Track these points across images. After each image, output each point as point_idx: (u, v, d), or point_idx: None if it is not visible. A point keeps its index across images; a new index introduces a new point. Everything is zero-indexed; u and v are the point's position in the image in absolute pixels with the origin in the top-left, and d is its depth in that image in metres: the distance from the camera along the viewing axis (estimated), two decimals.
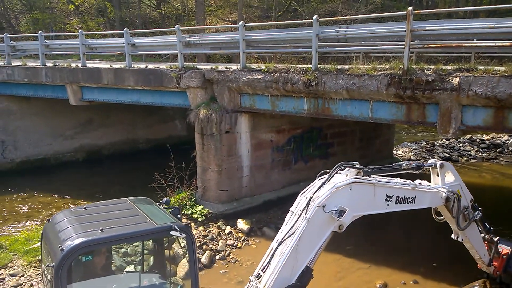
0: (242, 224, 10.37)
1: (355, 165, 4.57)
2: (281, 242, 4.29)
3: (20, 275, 7.86)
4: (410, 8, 7.67)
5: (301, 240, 4.21)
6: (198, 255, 8.84)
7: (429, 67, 7.77)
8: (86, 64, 13.12)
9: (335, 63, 9.03)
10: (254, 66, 10.35)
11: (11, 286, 7.45)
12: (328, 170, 4.57)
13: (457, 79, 7.14)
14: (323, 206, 4.26)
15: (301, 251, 4.24)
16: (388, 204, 4.78)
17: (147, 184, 10.49)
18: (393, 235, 10.89)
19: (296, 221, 4.31)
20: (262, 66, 9.89)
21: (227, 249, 9.56)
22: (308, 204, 4.30)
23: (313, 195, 4.40)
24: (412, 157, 18.41)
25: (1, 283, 7.49)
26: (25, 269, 8.08)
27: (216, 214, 10.60)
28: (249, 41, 10.11)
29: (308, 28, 9.32)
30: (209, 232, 10.01)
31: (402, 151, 19.03)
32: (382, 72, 7.91)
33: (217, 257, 9.26)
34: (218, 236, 9.93)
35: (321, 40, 8.80)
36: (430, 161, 5.68)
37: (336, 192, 4.34)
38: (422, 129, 22.93)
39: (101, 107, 16.42)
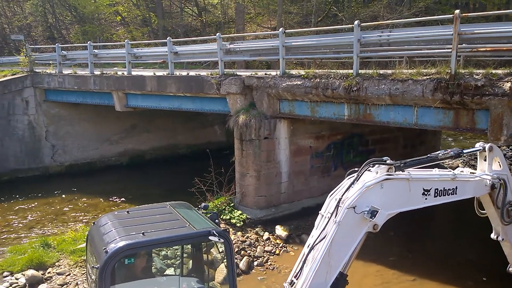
0: (280, 230, 10.30)
1: (385, 161, 4.28)
2: (312, 248, 4.13)
3: (66, 274, 8.22)
4: (457, 11, 7.37)
5: (333, 244, 4.04)
6: (236, 260, 8.86)
7: (478, 71, 7.39)
8: (131, 72, 13.68)
9: (377, 68, 8.80)
10: (294, 72, 10.33)
11: (58, 285, 7.80)
12: (357, 169, 4.33)
13: (508, 84, 6.75)
14: (354, 207, 4.05)
15: (334, 256, 4.07)
16: (426, 198, 4.46)
17: (187, 188, 10.70)
18: (439, 245, 10.40)
19: (326, 225, 4.13)
20: (302, 72, 9.85)
21: (265, 255, 9.52)
22: (337, 206, 4.11)
23: (342, 196, 4.18)
24: (460, 165, 17.51)
25: (48, 281, 7.85)
26: (71, 268, 8.45)
27: (254, 220, 10.60)
28: (289, 48, 10.11)
29: (349, 33, 9.18)
30: (247, 237, 10.03)
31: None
32: (428, 77, 7.62)
33: (255, 263, 9.24)
34: (256, 242, 9.92)
35: (363, 45, 8.63)
36: (477, 145, 5.15)
37: (366, 192, 4.10)
38: (470, 136, 21.77)
39: (144, 113, 17.03)
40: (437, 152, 4.78)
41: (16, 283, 7.69)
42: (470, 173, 5.01)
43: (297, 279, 4.11)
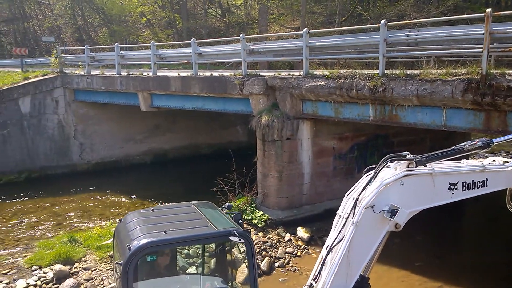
0: (302, 232, 10.23)
1: (404, 156, 4.04)
2: (330, 250, 3.96)
3: (92, 269, 8.42)
4: (488, 9, 7.12)
5: (351, 246, 3.85)
6: (257, 261, 8.86)
7: (511, 71, 7.10)
8: (156, 73, 13.92)
9: (403, 68, 8.59)
10: (317, 72, 10.24)
11: (84, 280, 8.00)
12: (375, 166, 4.09)
13: None
14: (372, 207, 3.84)
15: (354, 258, 3.89)
16: (453, 193, 4.19)
17: (209, 188, 10.78)
18: (469, 250, 10.08)
19: (344, 226, 3.95)
20: (326, 73, 9.74)
21: (286, 256, 9.47)
22: (354, 206, 3.91)
23: (359, 195, 3.97)
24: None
25: (75, 276, 8.07)
26: (97, 263, 8.66)
27: (275, 221, 10.57)
28: (313, 48, 10.03)
29: (375, 33, 9.02)
30: (269, 238, 10.00)
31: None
32: (458, 77, 7.38)
33: (276, 264, 9.20)
34: (277, 243, 9.88)
35: (389, 45, 8.46)
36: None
37: (385, 190, 3.87)
38: None
39: (168, 114, 17.30)
40: (463, 143, 4.45)
41: (44, 277, 7.95)
42: (503, 162, 4.63)
43: (316, 282, 3.98)
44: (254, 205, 10.98)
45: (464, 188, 4.23)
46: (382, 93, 8.20)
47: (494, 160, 4.63)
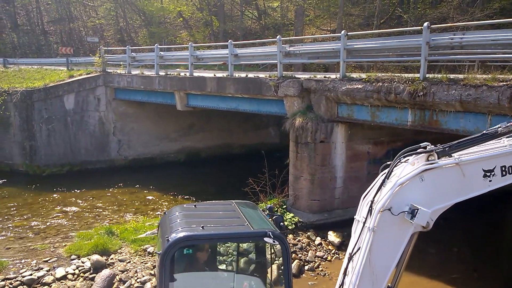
0: (333, 236, 10.10)
1: (422, 147, 3.62)
2: (351, 258, 3.73)
3: (127, 261, 8.71)
4: None
5: (372, 253, 3.56)
6: None
7: None
8: (193, 73, 14.22)
9: (446, 73, 8.30)
10: (354, 75, 10.09)
11: (119, 271, 8.29)
12: (390, 162, 3.71)
13: None
14: (390, 209, 3.51)
15: (377, 265, 3.59)
16: (490, 181, 3.73)
17: (240, 188, 10.88)
18: (508, 265, 9.55)
19: (361, 231, 3.67)
20: (363, 76, 9.58)
21: (316, 260, 9.39)
22: (370, 209, 3.60)
23: (373, 198, 3.63)
24: None
25: (111, 267, 8.38)
26: (131, 256, 8.94)
27: (306, 224, 10.50)
28: (351, 50, 9.90)
29: (416, 35, 8.77)
30: (299, 241, 9.95)
31: None
32: (505, 83, 7.04)
33: (306, 267, 9.14)
34: (307, 246, 9.81)
35: (432, 48, 8.21)
36: None
37: (402, 189, 3.51)
38: None
39: (202, 113, 17.63)
40: (496, 126, 3.95)
41: (82, 267, 8.31)
42: None
43: None
44: (284, 206, 10.97)
45: (504, 172, 3.76)
46: (422, 97, 7.96)
47: None
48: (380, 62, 14.85)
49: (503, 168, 3.74)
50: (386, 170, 3.72)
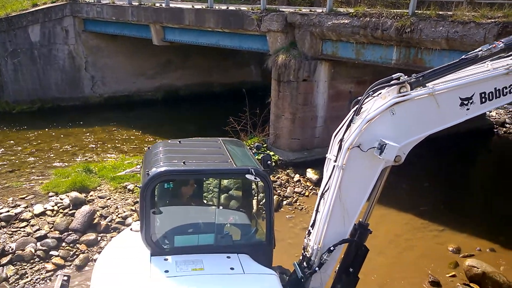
0: (311, 173, 10.32)
1: (394, 78, 3.41)
2: (322, 196, 3.81)
3: (107, 198, 8.69)
4: None
5: (342, 190, 3.57)
6: None
7: None
8: (169, 4, 13.27)
9: (436, 9, 7.99)
10: (341, 9, 9.64)
11: (100, 207, 8.29)
12: (360, 98, 3.55)
13: None
14: (359, 146, 3.44)
15: (347, 201, 3.64)
16: (468, 109, 3.54)
17: (221, 127, 10.75)
18: (476, 198, 10.22)
19: (333, 169, 3.64)
20: (351, 10, 9.16)
21: (294, 196, 9.66)
22: (340, 147, 3.55)
23: (343, 135, 3.57)
24: (507, 120, 16.56)
25: (91, 203, 8.34)
26: (111, 193, 8.91)
27: (286, 162, 10.64)
28: None
29: None
30: (278, 178, 10.14)
31: (497, 113, 17.18)
32: (493, 21, 6.88)
33: (284, 202, 9.41)
34: (286, 183, 10.03)
35: None
36: None
37: (371, 125, 3.39)
38: None
39: (180, 49, 16.82)
40: (476, 50, 3.61)
41: (61, 203, 8.23)
42: None
43: (312, 228, 3.95)
44: (265, 145, 11.00)
45: (483, 99, 3.56)
46: (409, 34, 7.73)
47: None
48: None
49: (483, 95, 3.55)
50: (356, 106, 3.59)
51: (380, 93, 3.57)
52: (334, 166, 3.68)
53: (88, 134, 14.13)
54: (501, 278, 6.67)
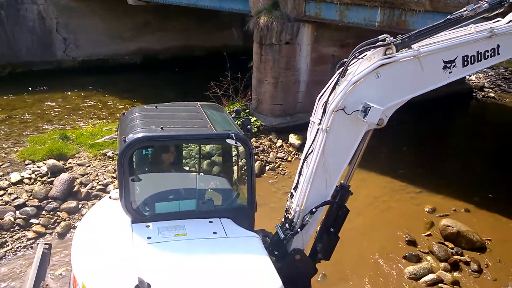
0: (293, 139, 10.34)
1: (379, 40, 3.37)
2: (305, 158, 3.82)
3: (86, 166, 8.52)
4: None
5: (326, 153, 3.60)
6: None
7: None
8: None
9: None
10: None
11: (79, 174, 8.13)
12: (346, 59, 3.51)
13: None
14: (343, 108, 3.46)
15: (331, 164, 3.69)
16: (450, 72, 3.57)
17: (202, 92, 10.53)
18: (451, 161, 10.52)
19: (316, 133, 3.67)
20: None
21: (277, 161, 9.71)
22: (324, 110, 3.55)
23: (328, 98, 3.56)
24: (486, 84, 16.84)
25: (69, 171, 8.17)
26: (90, 160, 8.73)
27: (268, 127, 10.60)
28: None
29: None
30: (261, 144, 10.13)
31: (476, 77, 17.43)
32: None
33: (267, 167, 9.45)
34: (269, 149, 10.04)
35: None
36: None
37: (356, 88, 3.40)
38: None
39: (158, 11, 16.10)
40: (461, 10, 3.61)
41: (39, 171, 8.03)
42: None
43: (295, 191, 3.98)
44: (247, 111, 10.89)
45: (466, 63, 3.60)
46: None
47: (510, 21, 3.74)
48: None
49: (465, 58, 3.58)
50: (341, 69, 3.55)
51: (365, 55, 3.53)
52: (318, 129, 3.68)
53: (63, 100, 13.63)
54: (474, 236, 6.98)
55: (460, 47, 3.56)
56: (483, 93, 16.13)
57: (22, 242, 6.58)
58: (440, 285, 6.02)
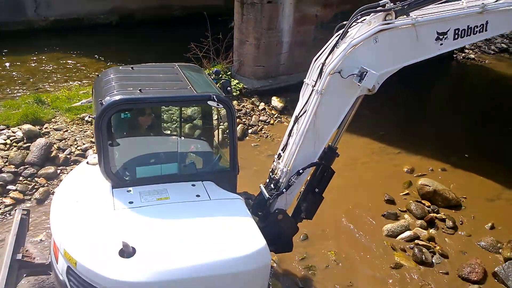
0: (276, 101, 10.26)
1: (380, 5, 3.42)
2: (296, 120, 3.84)
3: (64, 130, 8.28)
4: None
5: (317, 116, 3.62)
6: None
7: None
8: None
9: None
10: None
11: (57, 139, 7.91)
12: (346, 22, 3.56)
13: None
14: (340, 71, 3.47)
15: (321, 127, 3.73)
16: (441, 44, 3.69)
17: (182, 54, 10.18)
18: (431, 123, 10.72)
19: (310, 95, 3.68)
20: None
21: (259, 124, 9.67)
22: (321, 72, 3.55)
23: (325, 60, 3.56)
24: (467, 45, 16.90)
25: (46, 136, 7.94)
26: (68, 125, 8.47)
27: (250, 90, 10.46)
28: None
29: None
30: (243, 107, 10.02)
31: None
32: None
33: (250, 131, 9.42)
34: (251, 112, 9.96)
35: None
36: None
37: (355, 51, 3.41)
38: None
39: None
40: None
41: (14, 136, 7.76)
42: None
43: (283, 152, 4.03)
44: (229, 73, 10.66)
45: (456, 36, 3.72)
46: None
47: None
48: None
49: (456, 31, 3.69)
50: (341, 31, 3.55)
51: (365, 19, 3.53)
52: (312, 91, 3.67)
53: (35, 62, 13.00)
54: (450, 194, 7.24)
55: (454, 20, 3.67)
56: (463, 54, 16.22)
57: (0, 208, 6.47)
58: (416, 241, 6.27)
